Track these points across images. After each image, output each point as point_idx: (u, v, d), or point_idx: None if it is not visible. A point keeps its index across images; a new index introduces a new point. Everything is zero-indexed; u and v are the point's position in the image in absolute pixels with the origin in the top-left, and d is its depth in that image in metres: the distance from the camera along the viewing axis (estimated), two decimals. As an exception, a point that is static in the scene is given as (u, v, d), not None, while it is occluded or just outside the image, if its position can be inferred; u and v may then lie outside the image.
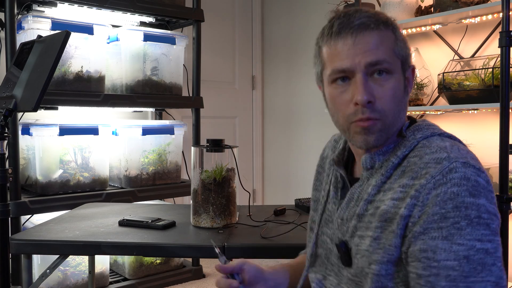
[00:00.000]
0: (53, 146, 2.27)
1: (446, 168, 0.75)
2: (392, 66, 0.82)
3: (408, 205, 0.76)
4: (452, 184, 0.73)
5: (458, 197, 0.72)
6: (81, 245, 1.35)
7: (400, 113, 0.85)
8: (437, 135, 0.86)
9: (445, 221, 0.72)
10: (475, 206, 0.72)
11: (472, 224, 0.71)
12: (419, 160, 0.80)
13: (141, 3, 2.56)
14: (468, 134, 2.51)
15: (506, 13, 1.87)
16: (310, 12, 3.45)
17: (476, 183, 0.73)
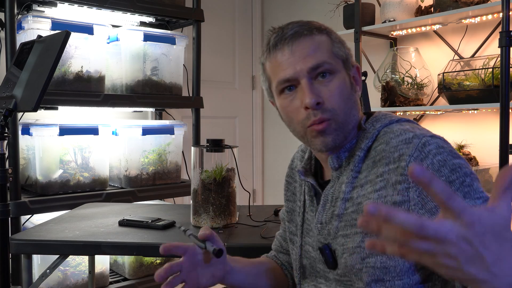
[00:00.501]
0: (53, 146, 2.27)
1: (419, 144, 0.77)
2: (333, 66, 0.84)
3: (399, 190, 0.76)
4: (434, 155, 0.75)
5: (446, 162, 0.74)
6: (81, 245, 1.35)
7: (352, 110, 0.86)
8: (395, 122, 0.87)
9: (452, 185, 0.73)
10: (464, 165, 0.75)
11: (474, 179, 0.74)
12: (386, 146, 0.81)
13: (141, 3, 2.56)
14: (468, 134, 2.51)
15: (506, 13, 1.87)
16: (310, 12, 3.45)
17: (450, 148, 0.77)
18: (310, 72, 0.83)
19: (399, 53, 2.65)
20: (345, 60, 0.88)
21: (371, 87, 2.61)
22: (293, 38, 0.84)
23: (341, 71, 0.86)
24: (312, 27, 0.86)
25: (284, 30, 0.86)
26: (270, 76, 0.90)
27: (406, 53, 2.63)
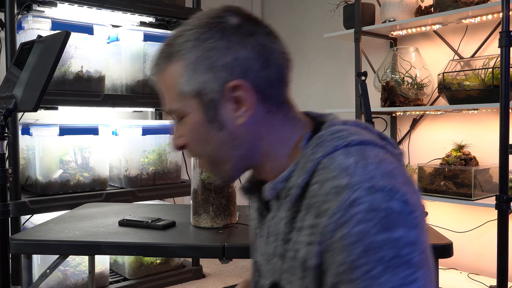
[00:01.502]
0: (53, 146, 2.27)
1: (346, 201, 0.58)
2: (181, 111, 0.71)
3: (316, 253, 0.62)
4: (357, 221, 0.57)
5: (366, 237, 0.56)
6: (81, 245, 1.35)
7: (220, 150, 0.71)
8: (342, 148, 0.66)
9: (355, 271, 0.56)
10: (390, 244, 0.56)
11: (389, 267, 0.55)
12: (320, 189, 0.63)
13: (141, 3, 2.56)
14: (468, 134, 2.51)
15: (506, 13, 1.87)
16: (310, 12, 3.45)
17: (388, 211, 0.57)
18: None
19: (399, 53, 2.65)
20: (200, 92, 0.69)
21: (371, 87, 2.61)
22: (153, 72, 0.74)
23: (194, 110, 0.70)
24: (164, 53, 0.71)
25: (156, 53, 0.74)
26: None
27: (406, 53, 2.63)
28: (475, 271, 2.48)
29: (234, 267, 2.95)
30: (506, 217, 1.86)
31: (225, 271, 2.90)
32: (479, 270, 2.48)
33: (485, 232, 2.44)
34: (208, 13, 0.71)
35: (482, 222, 2.42)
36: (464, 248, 2.53)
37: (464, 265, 2.53)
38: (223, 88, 0.68)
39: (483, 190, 2.28)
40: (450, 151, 2.42)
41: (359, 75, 1.62)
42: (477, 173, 2.25)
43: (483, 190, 2.28)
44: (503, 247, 1.85)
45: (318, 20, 3.36)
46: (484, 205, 2.17)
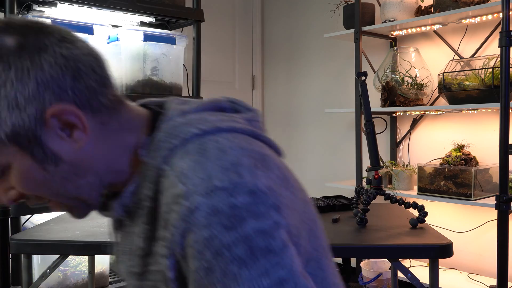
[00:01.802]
0: (53, 146, 2.27)
1: (185, 211, 0.55)
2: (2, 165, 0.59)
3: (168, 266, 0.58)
4: (201, 227, 0.54)
5: (213, 240, 0.53)
6: (81, 245, 1.35)
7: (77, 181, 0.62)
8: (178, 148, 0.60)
9: (212, 275, 0.53)
10: (240, 240, 0.53)
11: (245, 263, 0.53)
12: (163, 198, 0.59)
13: (141, 3, 2.56)
14: (468, 134, 2.51)
15: (506, 13, 1.87)
16: (310, 12, 3.45)
17: (232, 208, 0.54)
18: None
19: (399, 53, 2.65)
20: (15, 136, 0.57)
21: (371, 87, 2.61)
22: None
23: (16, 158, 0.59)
24: None
25: None
26: None
27: (406, 53, 2.63)
28: (475, 271, 2.48)
29: (234, 267, 2.95)
30: (506, 217, 1.86)
31: (225, 271, 2.89)
32: (479, 270, 2.48)
33: (485, 232, 2.44)
34: None
35: (482, 222, 2.42)
36: (464, 248, 2.53)
37: (464, 265, 2.53)
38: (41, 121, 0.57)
39: (483, 190, 2.28)
40: (450, 151, 2.42)
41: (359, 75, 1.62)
42: (477, 173, 2.25)
43: (483, 190, 2.28)
44: (503, 247, 1.85)
45: (318, 20, 3.36)
46: (484, 205, 2.17)
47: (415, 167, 2.54)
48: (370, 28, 2.64)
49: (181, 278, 0.58)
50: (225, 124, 0.61)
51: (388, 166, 2.65)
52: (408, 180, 2.56)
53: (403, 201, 1.53)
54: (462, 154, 2.36)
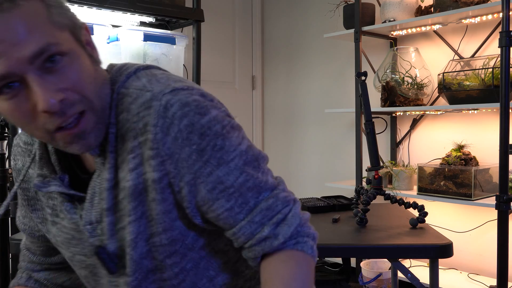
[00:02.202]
0: (53, 146, 2.27)
1: (160, 108, 0.65)
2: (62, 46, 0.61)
3: (154, 166, 0.67)
4: (179, 118, 0.65)
5: (194, 125, 0.65)
6: (81, 245, 1.35)
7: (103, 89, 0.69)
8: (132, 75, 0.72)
9: (204, 153, 0.66)
10: (214, 121, 0.67)
11: (225, 136, 0.68)
12: (128, 114, 0.68)
13: (141, 3, 2.56)
14: (468, 134, 2.51)
15: (506, 13, 1.87)
16: (310, 12, 3.45)
17: (196, 102, 0.67)
18: (32, 62, 0.59)
19: (399, 53, 2.65)
20: (72, 27, 0.65)
21: (371, 87, 2.61)
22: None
23: (73, 46, 0.64)
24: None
25: None
26: None
27: (406, 53, 2.63)
28: (475, 271, 2.48)
29: (234, 267, 2.95)
30: (506, 217, 1.86)
31: (225, 271, 2.89)
32: (479, 270, 2.48)
33: (485, 232, 2.44)
34: None
35: (482, 222, 2.42)
36: (464, 248, 2.53)
37: (464, 265, 2.53)
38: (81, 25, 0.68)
39: (483, 190, 2.28)
40: (450, 151, 2.42)
41: (359, 75, 1.62)
42: (477, 173, 2.25)
43: (483, 190, 2.28)
44: (503, 247, 1.84)
45: (318, 20, 3.36)
46: (484, 205, 2.17)
47: (415, 167, 2.54)
48: (370, 28, 2.65)
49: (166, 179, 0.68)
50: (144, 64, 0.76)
51: (388, 166, 2.65)
52: (408, 180, 2.56)
53: (403, 201, 1.53)
54: (462, 154, 2.36)
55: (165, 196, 0.69)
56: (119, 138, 0.69)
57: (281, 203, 0.71)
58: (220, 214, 0.69)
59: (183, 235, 0.72)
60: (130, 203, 0.69)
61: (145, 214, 0.70)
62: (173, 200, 0.69)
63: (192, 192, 0.68)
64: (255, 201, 0.69)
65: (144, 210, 0.70)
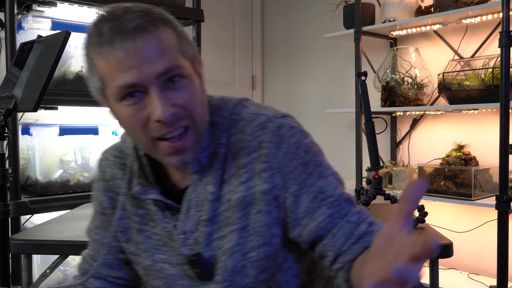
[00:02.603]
0: (53, 146, 2.27)
1: (273, 128, 0.79)
2: (184, 70, 0.73)
3: (265, 178, 0.77)
4: (289, 137, 0.79)
5: (300, 143, 0.79)
6: (81, 245, 1.35)
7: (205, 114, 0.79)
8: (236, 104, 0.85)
9: (308, 166, 0.78)
10: (313, 143, 0.82)
11: (322, 155, 0.82)
12: (242, 135, 0.80)
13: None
14: (468, 134, 2.51)
15: (506, 13, 1.87)
16: (310, 12, 3.45)
17: (299, 126, 0.82)
18: (159, 78, 0.70)
19: (399, 53, 2.65)
20: (193, 58, 0.77)
21: (371, 87, 2.61)
22: (135, 33, 0.68)
23: (191, 72, 0.76)
24: (156, 18, 0.71)
25: (121, 19, 0.69)
26: (104, 77, 0.73)
27: (406, 53, 2.63)
28: (475, 271, 2.48)
29: (234, 267, 2.95)
30: (506, 217, 1.86)
31: (225, 271, 2.89)
32: (479, 270, 2.48)
33: (485, 232, 2.44)
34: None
35: (482, 222, 2.42)
36: (464, 248, 2.53)
37: (464, 265, 2.53)
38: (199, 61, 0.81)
39: (483, 190, 2.28)
40: (450, 151, 2.42)
41: (359, 75, 1.62)
42: (477, 173, 2.25)
43: (483, 190, 2.28)
44: (503, 247, 1.84)
45: (318, 20, 3.36)
46: (484, 205, 2.17)
47: (415, 167, 2.54)
48: (370, 28, 2.64)
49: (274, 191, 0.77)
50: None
51: (388, 166, 2.65)
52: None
53: (403, 201, 1.53)
54: (462, 154, 2.36)
55: (270, 209, 0.77)
56: (229, 156, 0.79)
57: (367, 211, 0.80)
58: (321, 222, 0.76)
59: (277, 254, 0.80)
60: (235, 213, 0.77)
61: (247, 227, 0.78)
62: (277, 215, 0.78)
63: (296, 203, 0.77)
64: (350, 208, 0.78)
65: (247, 223, 0.77)
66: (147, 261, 0.86)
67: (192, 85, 0.75)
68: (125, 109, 0.72)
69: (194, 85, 0.75)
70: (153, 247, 0.85)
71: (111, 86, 0.72)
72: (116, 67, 0.69)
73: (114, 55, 0.69)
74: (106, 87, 0.73)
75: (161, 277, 0.85)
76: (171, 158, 0.75)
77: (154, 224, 0.84)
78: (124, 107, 0.72)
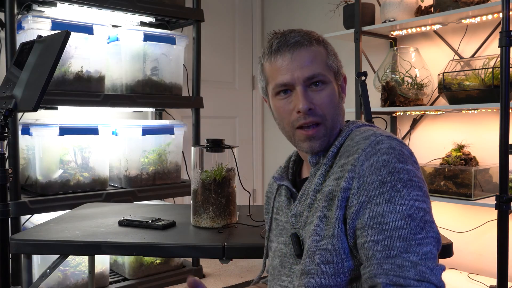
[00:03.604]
0: (53, 146, 2.27)
1: (373, 141, 0.85)
2: (326, 77, 0.93)
3: (346, 178, 0.84)
4: (382, 153, 0.83)
5: (389, 163, 0.81)
6: (81, 245, 1.35)
7: (338, 117, 0.96)
8: (367, 125, 0.96)
9: (384, 186, 0.80)
10: (405, 171, 0.81)
11: (407, 186, 0.80)
12: (351, 141, 0.90)
13: (141, 3, 2.56)
14: (468, 134, 2.51)
15: (506, 13, 1.87)
16: (310, 12, 3.45)
17: (401, 152, 0.84)
18: (305, 81, 0.92)
19: (399, 53, 2.65)
20: (336, 72, 0.97)
21: (371, 87, 2.61)
22: (294, 46, 0.92)
23: (332, 81, 0.95)
24: (312, 38, 0.94)
25: (286, 37, 0.94)
26: (268, 77, 0.97)
27: (406, 53, 2.63)
28: (475, 271, 2.48)
29: (234, 267, 2.95)
30: (506, 217, 1.86)
31: (225, 271, 2.90)
32: (479, 270, 2.48)
33: (485, 232, 2.44)
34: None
35: (482, 222, 2.42)
36: (464, 248, 2.53)
37: (464, 265, 2.53)
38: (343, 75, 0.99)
39: (483, 190, 2.28)
40: (450, 151, 2.42)
41: (359, 75, 1.62)
42: (477, 173, 2.25)
43: (483, 190, 2.28)
44: (503, 247, 1.84)
45: (318, 20, 3.36)
46: (484, 205, 2.17)
47: (415, 167, 2.53)
48: (370, 28, 2.64)
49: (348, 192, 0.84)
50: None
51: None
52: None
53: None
54: (462, 154, 2.36)
55: (342, 205, 0.84)
56: (338, 156, 0.91)
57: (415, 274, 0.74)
58: (366, 242, 0.80)
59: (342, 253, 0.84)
60: (323, 202, 0.88)
61: (327, 217, 0.86)
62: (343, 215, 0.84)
63: (359, 212, 0.82)
64: (398, 252, 0.76)
65: (327, 214, 0.87)
66: (275, 243, 1.03)
67: (330, 91, 0.93)
68: (278, 102, 0.96)
69: (331, 91, 0.94)
70: (278, 232, 1.02)
71: (272, 84, 0.96)
72: (277, 70, 0.94)
73: (276, 62, 0.94)
74: (268, 85, 0.98)
75: (279, 256, 1.00)
76: (303, 143, 0.94)
77: (281, 213, 1.02)
78: (278, 100, 0.96)
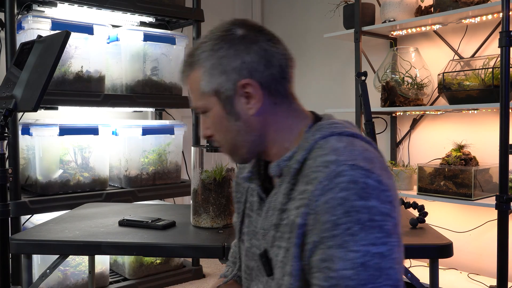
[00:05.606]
0: (53, 146, 2.27)
1: (333, 173, 0.72)
2: (204, 107, 0.88)
3: (302, 213, 0.74)
4: (340, 189, 0.70)
5: (347, 201, 0.69)
6: (81, 245, 1.35)
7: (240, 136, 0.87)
8: (336, 135, 0.81)
9: (337, 228, 0.69)
10: (366, 209, 0.69)
11: (365, 228, 0.69)
12: (313, 162, 0.77)
13: (141, 3, 2.56)
14: (468, 134, 2.51)
15: (506, 13, 1.87)
16: (310, 12, 3.45)
17: (365, 185, 0.71)
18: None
19: (399, 53, 2.65)
20: (217, 91, 0.85)
21: (371, 87, 2.61)
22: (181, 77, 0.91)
23: (214, 105, 0.86)
24: (187, 63, 0.88)
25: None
26: None
27: (406, 53, 2.63)
28: (475, 271, 2.48)
29: (234, 267, 2.95)
30: (506, 217, 1.86)
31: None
32: (479, 270, 2.48)
33: (485, 232, 2.44)
34: (219, 27, 0.87)
35: (482, 222, 2.42)
36: (464, 248, 2.53)
37: (464, 265, 2.53)
38: (235, 86, 0.84)
39: (483, 190, 2.28)
40: (450, 151, 2.42)
41: (359, 75, 1.62)
42: (477, 173, 2.25)
43: (483, 190, 2.28)
44: (503, 247, 1.84)
45: (318, 20, 3.36)
46: (484, 205, 2.17)
47: (415, 167, 2.54)
48: (370, 28, 2.65)
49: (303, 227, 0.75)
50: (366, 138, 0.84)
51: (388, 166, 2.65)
52: (408, 180, 2.56)
53: (403, 201, 1.53)
54: (462, 154, 2.36)
55: (298, 242, 0.76)
56: (299, 177, 0.80)
57: None
58: (314, 285, 0.73)
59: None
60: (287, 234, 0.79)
61: (288, 251, 0.78)
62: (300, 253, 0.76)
63: (312, 251, 0.73)
64: None
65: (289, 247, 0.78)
66: (247, 243, 0.96)
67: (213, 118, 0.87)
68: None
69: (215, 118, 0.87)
70: (250, 231, 0.95)
71: None
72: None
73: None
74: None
75: (254, 259, 0.93)
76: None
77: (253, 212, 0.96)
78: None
